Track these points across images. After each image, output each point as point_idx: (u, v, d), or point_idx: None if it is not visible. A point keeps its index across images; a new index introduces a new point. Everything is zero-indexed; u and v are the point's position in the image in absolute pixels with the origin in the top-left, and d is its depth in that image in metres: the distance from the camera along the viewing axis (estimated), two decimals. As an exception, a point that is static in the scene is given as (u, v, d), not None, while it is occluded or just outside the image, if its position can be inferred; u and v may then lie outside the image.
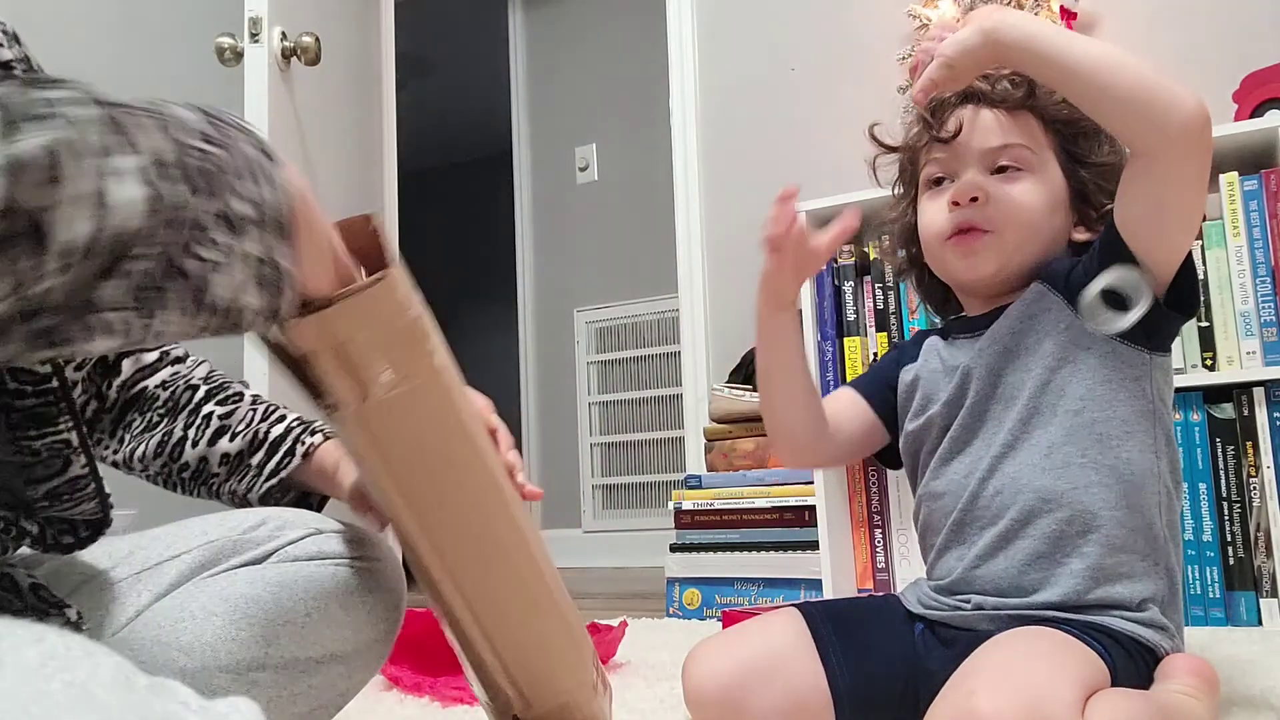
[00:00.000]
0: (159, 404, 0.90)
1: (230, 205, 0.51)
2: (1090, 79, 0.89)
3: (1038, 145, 1.02)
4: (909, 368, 1.09)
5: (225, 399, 0.91)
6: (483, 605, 0.73)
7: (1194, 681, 0.89)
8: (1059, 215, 1.02)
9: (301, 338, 0.60)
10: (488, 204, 4.92)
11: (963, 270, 1.03)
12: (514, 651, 0.75)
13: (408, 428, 0.66)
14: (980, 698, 0.75)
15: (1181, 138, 0.87)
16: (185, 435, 0.89)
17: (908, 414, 1.08)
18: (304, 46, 2.09)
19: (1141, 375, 0.97)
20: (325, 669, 0.78)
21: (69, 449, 0.69)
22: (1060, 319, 0.97)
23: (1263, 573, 1.59)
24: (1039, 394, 0.97)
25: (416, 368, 0.64)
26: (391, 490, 0.69)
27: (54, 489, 0.70)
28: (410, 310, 0.63)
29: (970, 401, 1.00)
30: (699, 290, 2.63)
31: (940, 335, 1.09)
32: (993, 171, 1.01)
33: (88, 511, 0.73)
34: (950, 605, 0.99)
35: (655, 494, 3.58)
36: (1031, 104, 1.02)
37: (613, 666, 1.44)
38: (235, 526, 0.80)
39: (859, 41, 2.47)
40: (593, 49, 3.79)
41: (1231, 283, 1.65)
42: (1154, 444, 0.97)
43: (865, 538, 1.94)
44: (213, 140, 0.51)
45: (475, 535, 0.72)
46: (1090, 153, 1.02)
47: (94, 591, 0.77)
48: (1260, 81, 1.90)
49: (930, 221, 1.05)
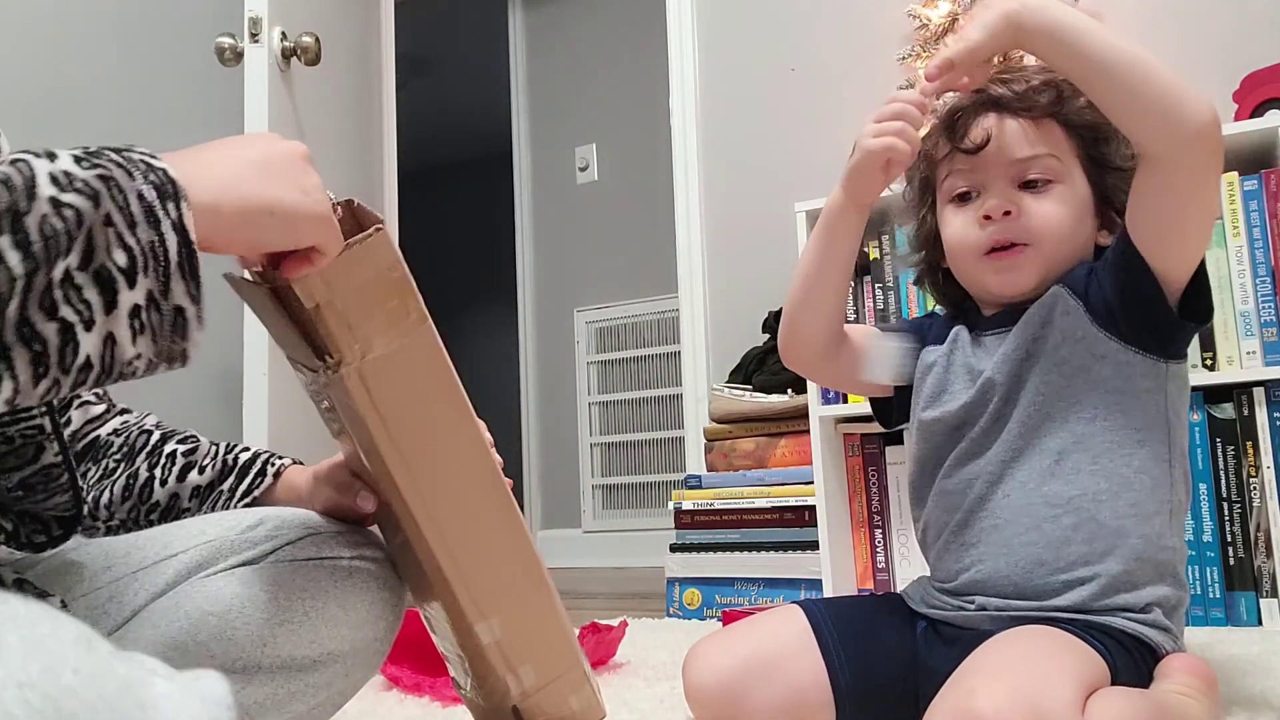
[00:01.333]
0: (114, 450, 0.89)
1: (98, 260, 0.51)
2: (1114, 75, 0.88)
3: (1064, 153, 1.00)
4: (933, 349, 1.07)
5: (184, 439, 0.92)
6: (482, 576, 0.76)
7: (1193, 681, 0.89)
8: (1087, 222, 1.01)
9: (312, 288, 0.65)
10: (488, 204, 4.92)
11: (1001, 285, 1.01)
12: (514, 627, 0.77)
13: (407, 381, 0.71)
14: (980, 696, 0.75)
15: (1195, 143, 0.87)
16: (152, 475, 0.88)
17: (922, 397, 1.06)
18: (304, 46, 2.09)
19: (1155, 386, 0.96)
20: (323, 669, 0.78)
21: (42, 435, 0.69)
22: (1078, 326, 0.96)
23: (1263, 573, 1.59)
24: (1053, 400, 0.96)
25: (410, 321, 0.70)
26: (389, 451, 0.72)
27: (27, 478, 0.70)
28: (402, 264, 0.70)
29: (991, 409, 0.99)
30: (699, 290, 2.63)
31: (968, 327, 1.06)
32: (1021, 183, 0.99)
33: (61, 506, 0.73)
34: (954, 605, 0.99)
35: (655, 494, 3.58)
36: (1057, 111, 1.00)
37: (613, 666, 1.44)
38: (233, 526, 0.79)
39: (859, 41, 2.47)
40: (593, 49, 3.79)
41: (1231, 283, 1.65)
42: (1167, 454, 0.96)
43: (865, 538, 1.94)
44: (83, 190, 0.51)
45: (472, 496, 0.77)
46: (1113, 156, 1.00)
47: (89, 591, 0.77)
48: (1260, 81, 1.90)
49: (961, 237, 1.02)
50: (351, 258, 0.67)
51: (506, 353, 4.00)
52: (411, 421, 0.72)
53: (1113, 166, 1.01)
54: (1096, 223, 1.02)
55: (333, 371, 0.68)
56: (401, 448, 0.72)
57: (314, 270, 0.64)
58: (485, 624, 0.76)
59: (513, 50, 3.96)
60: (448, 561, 0.74)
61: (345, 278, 0.67)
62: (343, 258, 0.66)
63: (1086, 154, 1.01)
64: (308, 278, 0.65)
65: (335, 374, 0.69)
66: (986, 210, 0.99)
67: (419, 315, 0.71)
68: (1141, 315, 0.94)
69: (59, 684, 0.33)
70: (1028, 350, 0.98)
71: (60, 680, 0.33)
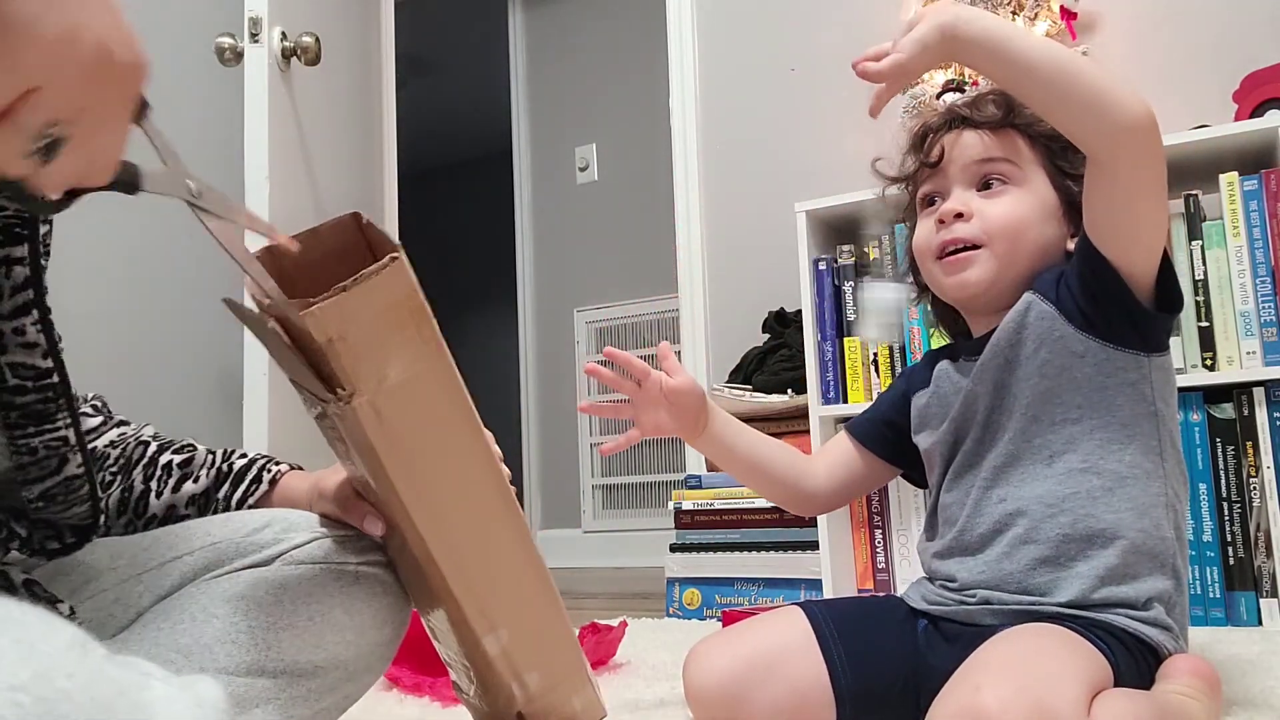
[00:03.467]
0: (110, 462, 0.89)
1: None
2: (1043, 78, 0.91)
3: (1022, 160, 1.03)
4: (921, 394, 1.10)
5: (180, 449, 0.91)
6: (490, 591, 0.75)
7: (1196, 682, 0.89)
8: (1050, 226, 1.02)
9: (325, 323, 0.62)
10: (488, 204, 4.92)
11: (953, 287, 1.04)
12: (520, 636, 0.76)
13: (420, 409, 0.69)
14: (986, 693, 0.75)
15: (1129, 139, 0.89)
16: (148, 488, 0.87)
17: (921, 434, 1.09)
18: (304, 46, 2.09)
19: (1140, 379, 0.97)
20: (327, 673, 0.78)
21: (66, 446, 0.69)
22: (1054, 327, 0.97)
23: (1263, 573, 1.59)
24: (1039, 403, 0.97)
25: (427, 349, 0.68)
26: (401, 478, 0.70)
27: (48, 490, 0.69)
28: (419, 291, 0.67)
29: (978, 420, 1.01)
30: (699, 290, 2.63)
31: (949, 357, 1.09)
32: (979, 188, 1.03)
33: (78, 516, 0.73)
34: (955, 600, 0.99)
35: (655, 494, 3.58)
36: (1013, 121, 1.04)
37: (613, 666, 1.44)
38: (239, 529, 0.79)
39: (859, 41, 2.45)
40: (593, 49, 3.78)
41: (1231, 283, 1.65)
42: (1158, 446, 0.97)
43: (865, 538, 1.94)
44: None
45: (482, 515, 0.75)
46: (1078, 164, 1.02)
47: (95, 592, 0.77)
48: (1260, 81, 1.90)
49: (922, 241, 1.07)
50: (366, 290, 0.63)
51: (506, 353, 4.00)
52: (424, 448, 0.70)
53: (1077, 174, 1.02)
54: (1067, 229, 1.03)
55: (345, 404, 0.66)
56: (413, 474, 0.70)
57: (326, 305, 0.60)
58: (493, 635, 0.75)
59: (513, 50, 3.96)
60: (456, 579, 0.73)
61: (361, 310, 0.63)
62: (359, 289, 0.63)
63: (1052, 162, 1.04)
64: (318, 312, 0.62)
65: (348, 406, 0.66)
66: (939, 214, 1.03)
67: (435, 342, 0.69)
68: (1114, 312, 0.95)
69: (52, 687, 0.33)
70: (1006, 358, 0.99)
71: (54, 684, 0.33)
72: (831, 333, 1.96)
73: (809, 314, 1.97)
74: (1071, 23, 2.11)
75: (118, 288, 2.18)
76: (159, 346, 2.24)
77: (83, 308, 2.06)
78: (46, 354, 0.68)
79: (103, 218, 2.17)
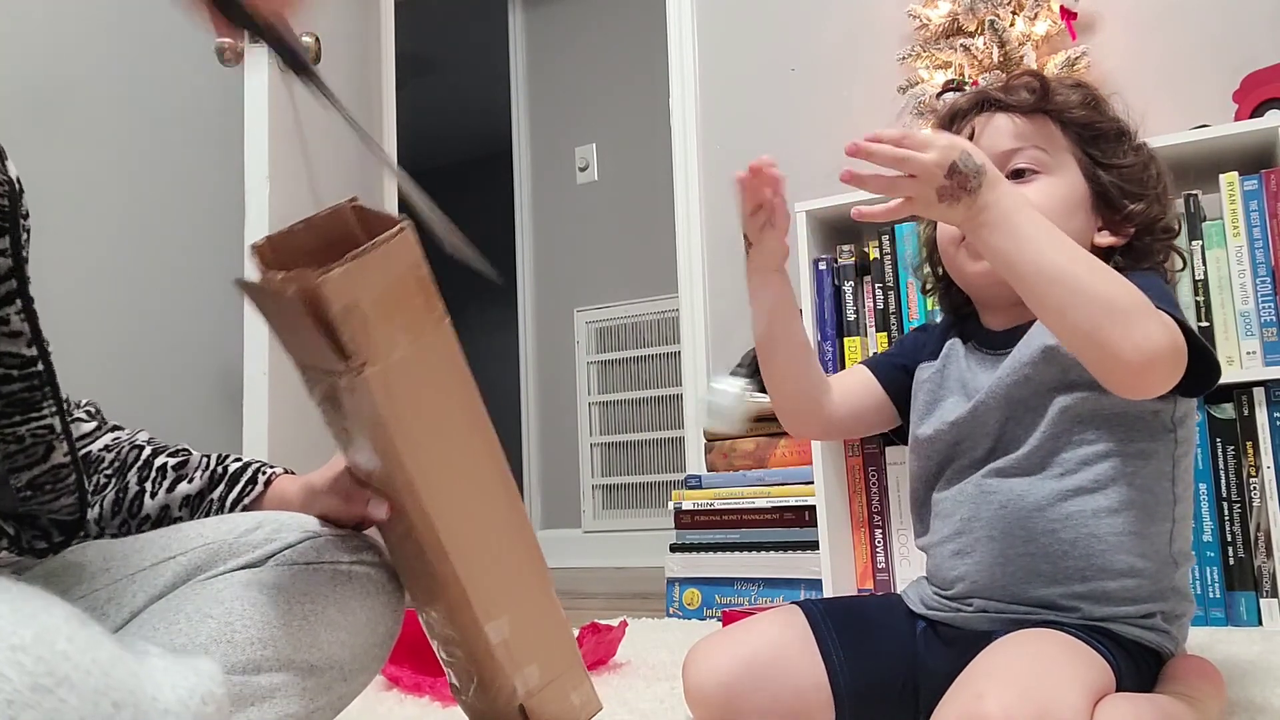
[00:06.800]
0: (105, 465, 0.89)
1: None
2: (1043, 291, 0.83)
3: (1054, 147, 0.99)
4: (926, 365, 1.07)
5: (174, 452, 0.91)
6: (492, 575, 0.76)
7: (1200, 684, 0.89)
8: (1078, 217, 0.99)
9: (341, 289, 0.64)
10: (487, 204, 4.92)
11: (977, 274, 1.00)
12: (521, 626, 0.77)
13: (429, 380, 0.71)
14: (989, 700, 0.75)
15: (1128, 390, 0.85)
16: (142, 489, 0.88)
17: (919, 414, 1.06)
18: (304, 46, 2.09)
19: (1162, 407, 0.94)
20: (322, 672, 0.78)
21: (51, 434, 0.69)
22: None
23: (1263, 573, 1.59)
24: (1056, 420, 0.94)
25: (433, 319, 0.70)
26: (408, 451, 0.71)
27: (36, 478, 0.70)
28: (425, 262, 0.69)
29: (987, 429, 0.98)
30: (699, 290, 2.63)
31: (962, 338, 1.06)
32: (1009, 176, 0.98)
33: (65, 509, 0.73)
34: (952, 607, 0.99)
35: (655, 494, 3.58)
36: (1046, 107, 1.00)
37: (613, 666, 1.44)
38: (232, 529, 0.79)
39: (859, 41, 2.47)
40: (593, 49, 3.78)
41: (1231, 283, 1.65)
42: (1171, 470, 0.95)
43: (865, 538, 1.94)
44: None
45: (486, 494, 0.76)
46: (1111, 155, 1.00)
47: (88, 593, 0.77)
48: (1260, 81, 1.90)
49: (945, 227, 1.03)
50: (379, 257, 0.66)
51: (506, 353, 4.00)
52: (431, 421, 0.72)
53: (1110, 164, 0.99)
54: (1096, 222, 1.00)
55: (356, 374, 0.67)
56: (420, 448, 0.72)
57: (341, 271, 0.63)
58: (494, 624, 0.75)
59: (513, 50, 3.96)
60: (460, 562, 0.74)
61: (373, 278, 0.66)
62: (370, 257, 0.65)
63: (1083, 151, 1.00)
64: (335, 278, 0.64)
65: (359, 376, 0.67)
66: None
67: (440, 313, 0.71)
68: None
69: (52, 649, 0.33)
70: (1025, 374, 0.96)
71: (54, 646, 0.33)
72: (832, 332, 1.96)
73: (809, 314, 1.96)
74: (1071, 23, 2.10)
75: (118, 288, 2.18)
76: (159, 346, 2.25)
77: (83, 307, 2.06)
78: (31, 342, 0.69)
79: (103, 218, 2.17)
